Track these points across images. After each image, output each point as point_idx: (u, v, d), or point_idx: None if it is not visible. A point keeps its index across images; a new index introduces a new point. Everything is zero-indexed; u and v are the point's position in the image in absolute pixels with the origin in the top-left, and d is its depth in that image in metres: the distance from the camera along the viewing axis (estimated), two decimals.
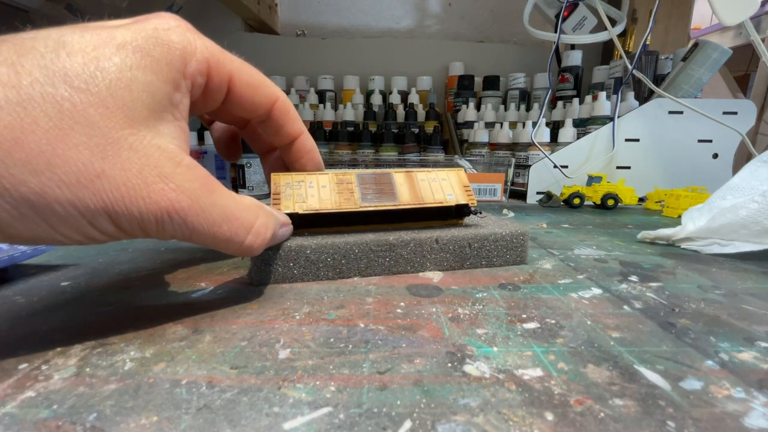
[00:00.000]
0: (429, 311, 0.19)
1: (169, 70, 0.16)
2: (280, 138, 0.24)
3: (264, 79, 0.21)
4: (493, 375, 0.14)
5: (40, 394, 0.13)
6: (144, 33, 0.16)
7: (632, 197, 0.57)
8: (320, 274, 0.24)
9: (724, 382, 0.14)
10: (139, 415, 0.12)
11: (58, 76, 0.13)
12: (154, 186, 0.15)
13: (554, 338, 0.17)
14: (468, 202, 0.27)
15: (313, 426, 0.11)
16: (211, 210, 0.17)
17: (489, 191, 0.63)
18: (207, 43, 0.18)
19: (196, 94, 0.18)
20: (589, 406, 0.12)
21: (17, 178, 0.13)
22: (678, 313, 0.19)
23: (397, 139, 0.79)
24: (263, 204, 0.20)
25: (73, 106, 0.14)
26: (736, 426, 0.12)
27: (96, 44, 0.15)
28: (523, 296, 0.21)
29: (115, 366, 0.14)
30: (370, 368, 0.14)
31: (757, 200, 0.29)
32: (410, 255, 0.25)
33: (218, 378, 0.14)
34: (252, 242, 0.19)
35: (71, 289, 0.23)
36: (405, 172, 0.27)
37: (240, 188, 0.68)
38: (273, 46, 1.07)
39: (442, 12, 1.12)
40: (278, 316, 0.19)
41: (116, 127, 0.14)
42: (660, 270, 0.27)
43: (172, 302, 0.21)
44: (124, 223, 0.15)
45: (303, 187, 0.25)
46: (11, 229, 0.13)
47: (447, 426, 0.11)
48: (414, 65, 1.05)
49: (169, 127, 0.16)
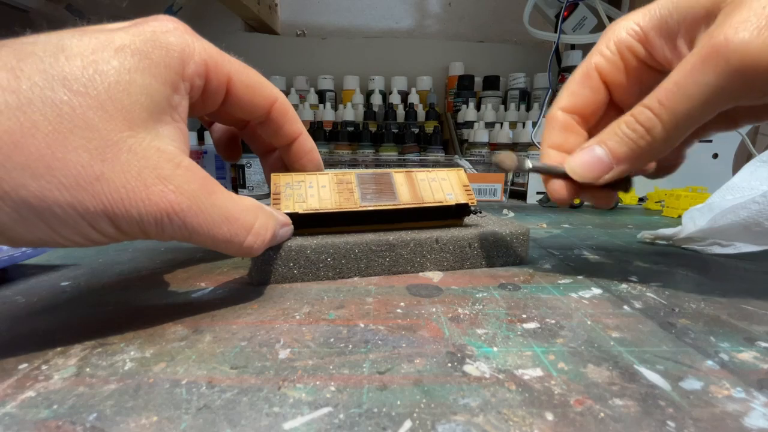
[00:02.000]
0: (429, 311, 0.19)
1: (167, 72, 0.16)
2: (279, 138, 0.24)
3: (262, 80, 0.21)
4: (493, 375, 0.14)
5: (40, 394, 0.13)
6: (142, 36, 0.16)
7: (632, 197, 0.57)
8: (320, 274, 0.24)
9: (724, 382, 0.14)
10: (139, 415, 0.12)
11: (57, 80, 0.14)
12: (154, 188, 0.15)
13: (554, 338, 0.17)
14: (468, 202, 0.27)
15: (313, 426, 0.11)
16: (211, 211, 0.17)
17: (489, 191, 0.63)
18: (205, 45, 0.18)
19: (195, 95, 0.18)
20: (589, 406, 0.12)
21: (17, 181, 0.13)
22: (678, 313, 0.19)
23: (397, 139, 0.79)
24: (263, 204, 0.20)
25: (72, 110, 0.14)
26: (736, 426, 0.12)
27: (95, 48, 0.15)
28: (523, 296, 0.21)
29: (115, 366, 0.14)
30: (370, 368, 0.14)
31: (758, 201, 0.29)
32: (410, 255, 0.25)
33: (218, 378, 0.14)
34: (252, 243, 0.19)
35: (71, 289, 0.23)
36: (405, 172, 0.27)
37: (240, 188, 0.68)
38: (273, 46, 1.07)
39: (442, 12, 1.12)
40: (278, 316, 0.19)
41: (115, 130, 0.14)
42: (660, 270, 0.27)
43: (172, 302, 0.21)
44: (124, 224, 0.15)
45: (303, 187, 0.25)
46: (12, 232, 0.14)
47: (447, 426, 0.11)
48: (414, 65, 1.05)
49: (168, 129, 0.16)
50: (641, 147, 0.19)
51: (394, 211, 0.25)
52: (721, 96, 0.17)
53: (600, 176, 0.21)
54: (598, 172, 0.21)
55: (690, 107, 0.18)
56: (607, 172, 0.20)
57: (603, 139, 0.20)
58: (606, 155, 0.20)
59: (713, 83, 0.17)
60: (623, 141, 0.20)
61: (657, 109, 0.18)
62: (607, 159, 0.20)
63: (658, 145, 0.19)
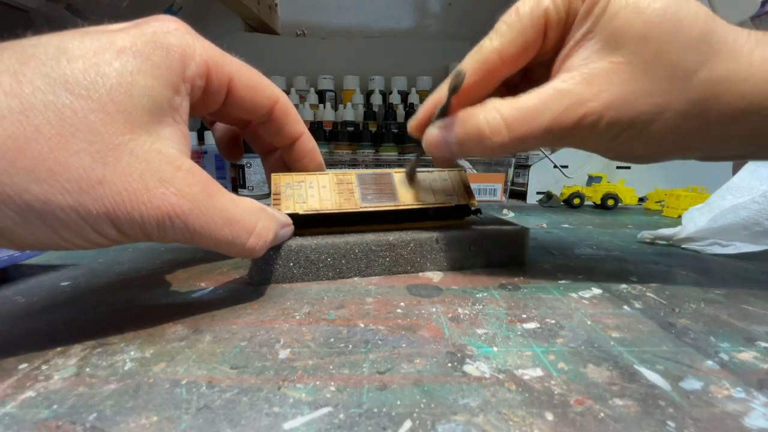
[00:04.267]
0: (429, 311, 0.19)
1: (168, 73, 0.16)
2: (280, 139, 0.24)
3: (264, 80, 0.21)
4: (493, 375, 0.14)
5: (40, 394, 0.13)
6: (143, 37, 0.16)
7: (632, 197, 0.57)
8: (320, 274, 0.24)
9: (724, 382, 0.14)
10: (139, 415, 0.12)
11: (59, 84, 0.14)
12: (155, 191, 0.15)
13: (554, 338, 0.17)
14: (468, 202, 0.27)
15: (313, 426, 0.11)
16: (212, 213, 0.17)
17: (489, 191, 0.63)
18: (206, 46, 0.18)
19: (196, 96, 0.18)
20: (589, 406, 0.12)
21: (21, 185, 0.13)
22: (678, 313, 0.19)
23: (397, 139, 0.79)
24: (264, 206, 0.20)
25: (75, 113, 0.14)
26: (736, 426, 0.12)
27: (96, 50, 0.15)
28: (523, 296, 0.21)
29: (115, 366, 0.14)
30: (370, 368, 0.14)
31: (758, 201, 0.29)
32: (410, 255, 0.25)
33: (218, 378, 0.14)
34: (254, 244, 0.19)
35: (71, 289, 0.23)
36: (405, 173, 0.27)
37: (240, 188, 0.68)
38: (273, 46, 1.07)
39: (442, 12, 1.12)
40: (278, 316, 0.19)
41: (117, 133, 0.14)
42: (660, 270, 0.27)
43: (172, 302, 0.21)
44: (126, 227, 0.15)
45: (303, 187, 0.25)
46: (15, 235, 0.14)
47: (447, 426, 0.11)
48: (414, 65, 1.05)
49: (169, 131, 0.16)
50: (484, 147, 0.21)
51: (394, 211, 0.25)
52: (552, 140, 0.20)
53: (443, 158, 0.23)
54: (443, 153, 0.22)
55: (532, 134, 0.20)
56: (450, 157, 0.23)
57: (455, 124, 0.21)
58: (454, 142, 0.21)
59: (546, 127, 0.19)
60: (469, 135, 0.21)
61: (510, 120, 0.20)
62: (455, 148, 0.22)
63: (498, 150, 0.21)
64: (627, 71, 0.18)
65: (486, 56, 0.21)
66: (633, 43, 0.18)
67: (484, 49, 0.21)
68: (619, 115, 0.19)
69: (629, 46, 0.18)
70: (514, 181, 0.67)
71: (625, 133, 0.19)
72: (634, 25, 0.18)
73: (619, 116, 0.19)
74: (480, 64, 0.21)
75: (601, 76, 0.19)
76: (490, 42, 0.21)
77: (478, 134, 0.20)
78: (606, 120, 0.19)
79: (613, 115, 0.19)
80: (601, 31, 0.19)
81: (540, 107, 0.19)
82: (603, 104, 0.19)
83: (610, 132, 0.19)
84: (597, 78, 0.19)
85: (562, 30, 0.20)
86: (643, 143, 0.20)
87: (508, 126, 0.20)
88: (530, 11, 0.20)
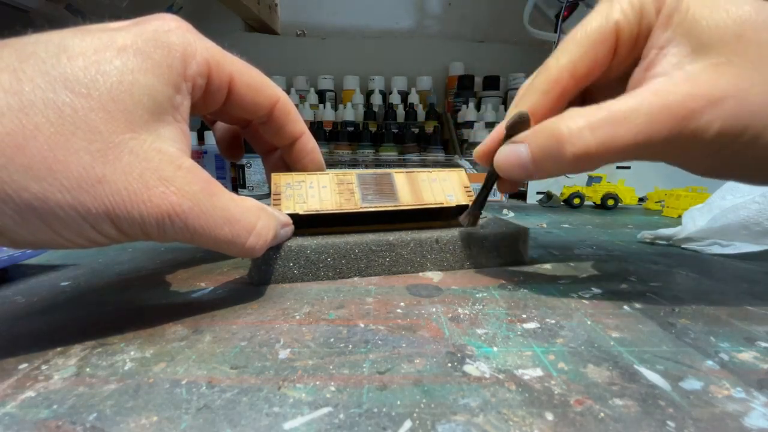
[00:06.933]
0: (429, 311, 0.19)
1: (169, 72, 0.16)
2: (281, 138, 0.24)
3: (265, 79, 0.21)
4: (493, 375, 0.14)
5: (40, 394, 0.13)
6: (144, 35, 0.16)
7: (632, 197, 0.57)
8: (320, 274, 0.24)
9: (724, 382, 0.14)
10: (139, 415, 0.12)
11: (59, 82, 0.14)
12: (155, 189, 0.15)
13: (554, 338, 0.17)
14: (468, 203, 0.27)
15: (313, 426, 0.11)
16: (213, 213, 0.17)
17: None
18: (207, 45, 0.18)
19: (197, 95, 0.18)
20: (589, 406, 0.12)
21: (20, 184, 0.13)
22: (678, 313, 0.19)
23: (397, 139, 0.79)
24: (264, 205, 0.20)
25: (75, 112, 0.14)
26: (736, 426, 0.12)
27: (97, 48, 0.15)
28: (523, 296, 0.21)
29: (115, 366, 0.14)
30: (370, 368, 0.14)
31: (758, 201, 0.29)
32: (410, 255, 0.25)
33: (218, 378, 0.14)
34: (254, 244, 0.19)
35: (71, 289, 0.23)
36: (405, 173, 0.27)
37: (240, 188, 0.68)
38: (273, 46, 1.07)
39: (442, 12, 1.12)
40: (278, 316, 0.19)
41: (117, 132, 0.14)
42: (660, 270, 0.27)
43: (172, 302, 0.21)
44: (126, 226, 0.15)
45: (303, 187, 0.25)
46: (14, 233, 0.14)
47: (447, 426, 0.11)
48: (414, 65, 1.05)
49: (169, 130, 0.16)
50: (562, 156, 0.18)
51: (394, 212, 0.25)
52: (662, 153, 0.18)
53: (516, 177, 0.20)
54: (517, 171, 0.20)
55: (622, 139, 0.17)
56: (524, 175, 0.20)
57: (532, 136, 0.19)
58: (527, 157, 0.19)
59: (664, 138, 0.17)
60: (545, 144, 0.18)
61: (595, 123, 0.17)
62: (530, 164, 0.19)
63: (579, 161, 0.18)
64: (731, 71, 0.16)
65: (557, 74, 0.20)
66: (730, 42, 0.16)
67: (552, 68, 0.20)
68: (731, 116, 0.16)
69: (727, 46, 0.17)
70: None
71: (737, 142, 0.17)
72: (726, 25, 0.17)
73: (732, 116, 0.16)
74: (551, 84, 0.20)
75: (703, 77, 0.17)
76: (557, 61, 0.20)
77: (556, 140, 0.18)
78: (718, 124, 0.16)
79: (727, 114, 0.16)
80: (687, 35, 0.17)
81: (634, 109, 0.17)
82: (712, 102, 0.16)
83: (721, 140, 0.16)
84: (700, 78, 0.17)
85: (633, 43, 0.19)
86: (752, 156, 0.17)
87: (592, 128, 0.17)
88: (599, 26, 0.19)
